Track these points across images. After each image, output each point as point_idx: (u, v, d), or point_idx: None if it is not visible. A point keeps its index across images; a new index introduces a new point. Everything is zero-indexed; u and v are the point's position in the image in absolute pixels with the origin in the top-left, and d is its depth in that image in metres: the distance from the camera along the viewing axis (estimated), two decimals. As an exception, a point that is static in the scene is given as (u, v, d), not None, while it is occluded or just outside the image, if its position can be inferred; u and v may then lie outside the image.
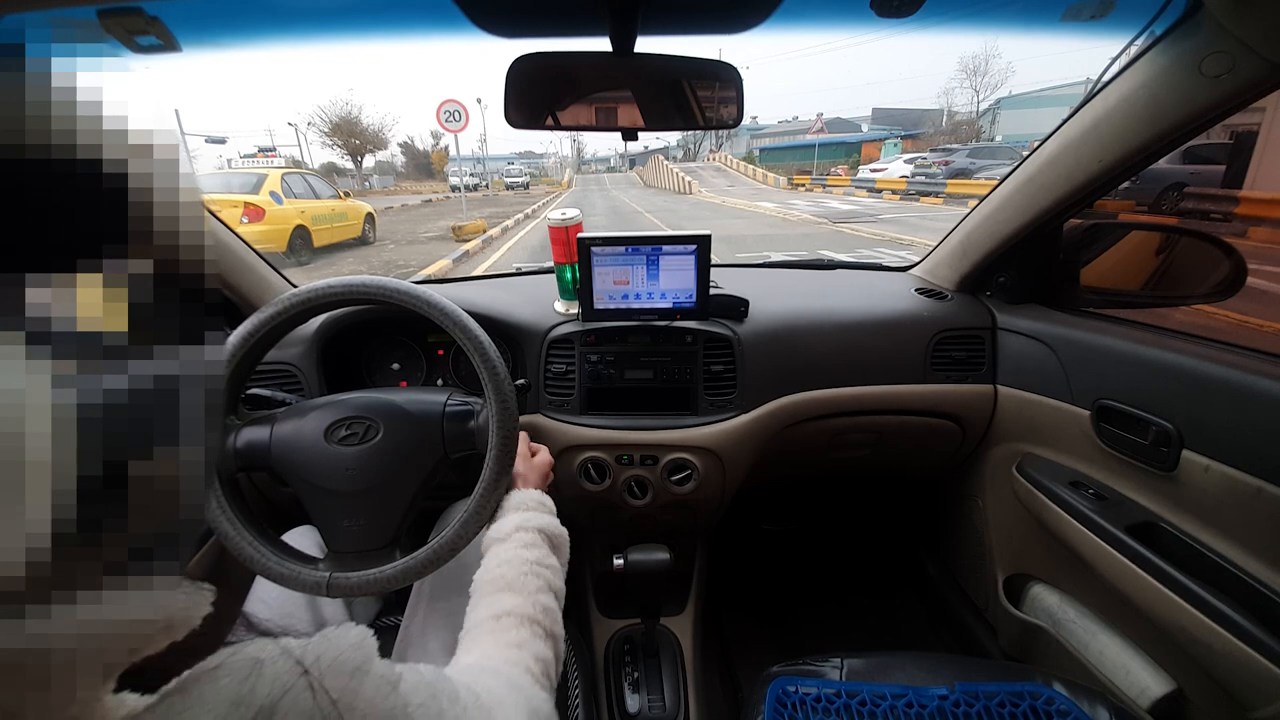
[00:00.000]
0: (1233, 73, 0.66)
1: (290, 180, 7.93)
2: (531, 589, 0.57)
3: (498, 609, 0.55)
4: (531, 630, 0.54)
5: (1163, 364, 0.82)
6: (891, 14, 0.68)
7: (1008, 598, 1.16)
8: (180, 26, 0.73)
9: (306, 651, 0.30)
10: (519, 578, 0.57)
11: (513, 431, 0.71)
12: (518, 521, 0.64)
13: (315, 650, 0.30)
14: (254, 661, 0.28)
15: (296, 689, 0.28)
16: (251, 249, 1.13)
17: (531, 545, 0.62)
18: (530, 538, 0.63)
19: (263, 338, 0.74)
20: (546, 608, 0.57)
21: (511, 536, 0.62)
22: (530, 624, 0.54)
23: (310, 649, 0.30)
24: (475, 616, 0.56)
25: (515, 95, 0.71)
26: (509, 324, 1.08)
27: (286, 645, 0.30)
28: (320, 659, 0.30)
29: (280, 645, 0.30)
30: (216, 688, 0.26)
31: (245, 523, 0.71)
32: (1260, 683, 0.65)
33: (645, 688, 1.12)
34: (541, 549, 0.62)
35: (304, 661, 0.29)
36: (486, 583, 0.58)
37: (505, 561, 0.59)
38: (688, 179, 24.12)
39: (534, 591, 0.57)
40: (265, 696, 0.27)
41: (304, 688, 0.28)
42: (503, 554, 0.60)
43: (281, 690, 0.27)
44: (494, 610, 0.55)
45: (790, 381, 1.10)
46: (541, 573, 0.59)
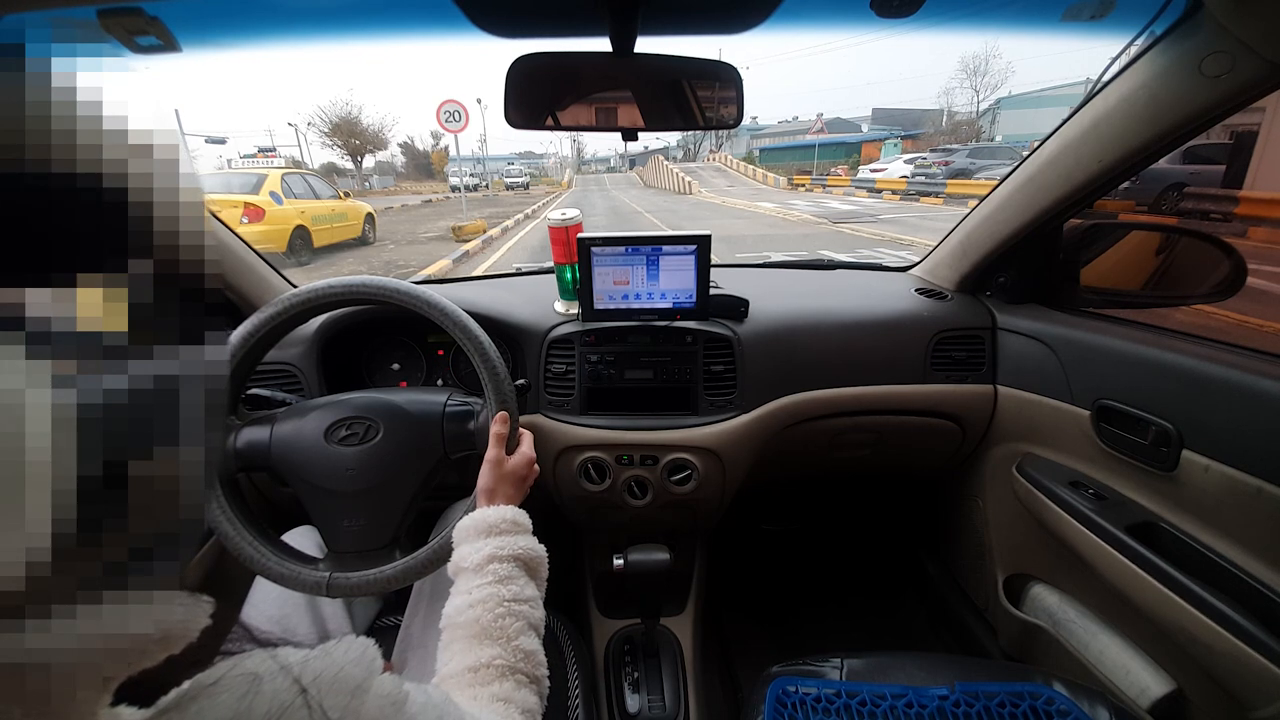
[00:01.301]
0: (1233, 73, 0.66)
1: (290, 180, 7.93)
2: (511, 633, 0.53)
3: (475, 660, 0.50)
4: (515, 681, 0.50)
5: (1163, 364, 0.82)
6: (891, 14, 0.68)
7: (1008, 598, 1.16)
8: (180, 26, 0.73)
9: (306, 669, 0.29)
10: (495, 621, 0.53)
11: (513, 432, 0.71)
12: (491, 550, 0.58)
13: (315, 668, 0.30)
14: (252, 678, 0.27)
15: (294, 708, 0.27)
16: (251, 249, 1.13)
17: (507, 580, 0.56)
18: (506, 570, 0.57)
19: (263, 338, 0.74)
20: (528, 653, 0.53)
21: (485, 569, 0.57)
22: (513, 674, 0.51)
23: (310, 666, 0.30)
24: (451, 666, 0.51)
25: (515, 95, 0.71)
26: (509, 324, 1.08)
27: (284, 660, 0.30)
28: (320, 677, 0.29)
29: (278, 661, 0.29)
30: (214, 704, 0.26)
31: (245, 523, 0.71)
32: (1260, 683, 0.65)
33: (645, 688, 1.12)
34: (518, 581, 0.57)
35: (302, 680, 0.29)
36: (459, 625, 0.54)
37: (479, 601, 0.54)
38: (688, 179, 24.12)
39: (514, 636, 0.53)
40: (263, 715, 0.26)
41: (301, 706, 0.28)
42: (475, 591, 0.55)
43: (280, 709, 0.27)
44: (471, 662, 0.50)
45: (790, 381, 1.10)
46: (520, 611, 0.55)
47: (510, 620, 0.53)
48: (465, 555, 0.59)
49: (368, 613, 0.95)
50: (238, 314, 1.08)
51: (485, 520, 0.61)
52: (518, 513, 0.64)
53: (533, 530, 0.64)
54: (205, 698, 0.26)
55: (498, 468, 0.67)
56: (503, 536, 0.60)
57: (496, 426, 0.69)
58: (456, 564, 0.60)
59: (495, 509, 0.63)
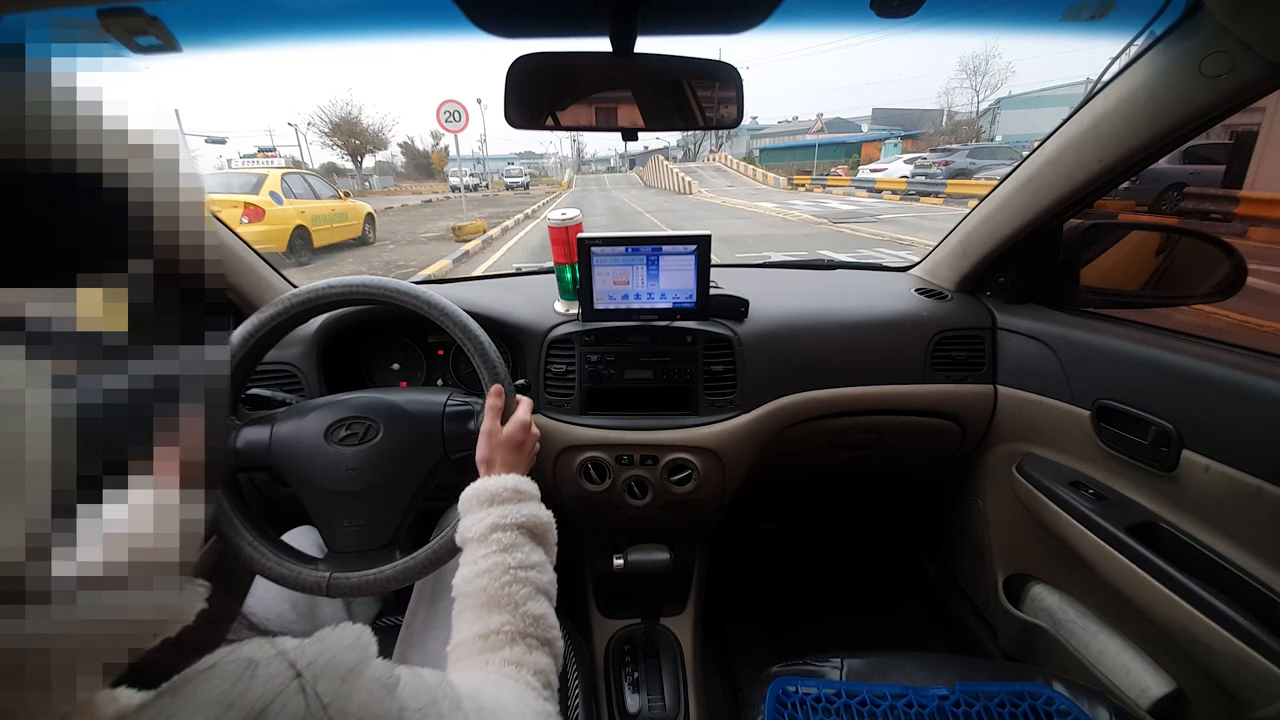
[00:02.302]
0: (1233, 73, 0.66)
1: (290, 180, 7.94)
2: (519, 599, 0.54)
3: (485, 627, 0.52)
4: (525, 645, 0.51)
5: (1163, 364, 0.82)
6: (891, 14, 0.68)
7: (1008, 598, 1.16)
8: (180, 26, 0.73)
9: (301, 653, 0.30)
10: (502, 590, 0.54)
11: (509, 404, 0.71)
12: (494, 519, 0.59)
13: (310, 653, 0.30)
14: (248, 662, 0.28)
15: (288, 692, 0.28)
16: (251, 249, 1.13)
17: (511, 547, 0.57)
18: (510, 538, 0.58)
19: (263, 338, 0.74)
20: (537, 617, 0.54)
21: (489, 538, 0.58)
22: (522, 639, 0.52)
23: (305, 651, 0.30)
24: (462, 634, 0.53)
25: (515, 95, 0.71)
26: (509, 324, 1.08)
27: (281, 646, 0.30)
28: (314, 662, 0.30)
29: (275, 646, 0.30)
30: (209, 687, 0.26)
31: (245, 523, 0.71)
32: (1260, 683, 0.65)
33: (645, 688, 1.12)
34: (524, 549, 0.58)
35: (297, 664, 0.29)
36: (467, 595, 0.55)
37: (484, 571, 0.55)
38: (688, 179, 24.12)
39: (521, 603, 0.53)
40: (256, 699, 0.26)
41: (295, 690, 0.28)
42: (481, 560, 0.56)
43: (273, 693, 0.27)
44: (481, 629, 0.52)
45: (790, 382, 1.10)
46: (526, 577, 0.55)
47: (517, 587, 0.54)
48: (469, 526, 0.60)
49: (367, 613, 0.95)
50: (237, 314, 1.08)
51: (487, 490, 0.61)
52: (520, 480, 0.63)
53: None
54: (200, 681, 0.26)
55: (491, 438, 0.67)
56: (505, 505, 0.60)
57: (491, 399, 0.70)
58: (462, 534, 0.60)
59: (496, 478, 0.63)
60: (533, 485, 0.65)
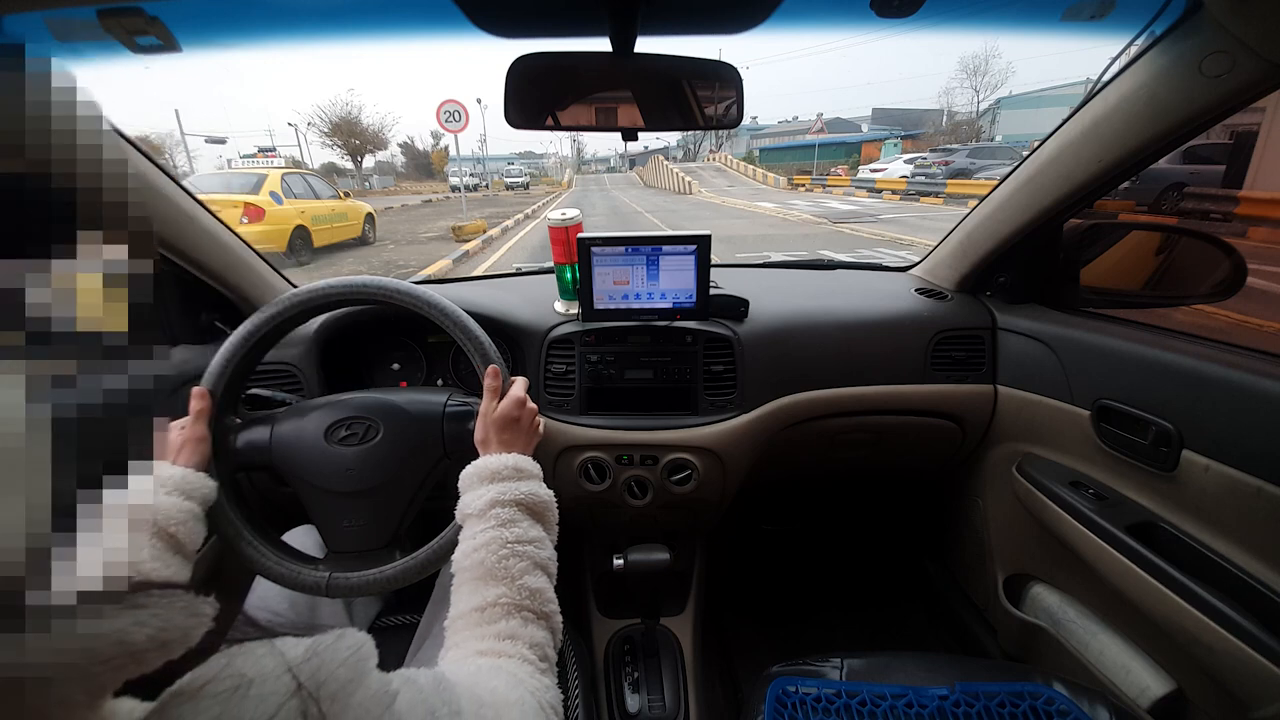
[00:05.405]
0: (1233, 73, 0.66)
1: (290, 180, 7.93)
2: (515, 573, 0.54)
3: (481, 600, 0.52)
4: (522, 618, 0.52)
5: (1163, 364, 0.82)
6: (891, 14, 0.68)
7: (1008, 598, 1.16)
8: (180, 26, 0.73)
9: (302, 668, 0.29)
10: (499, 563, 0.54)
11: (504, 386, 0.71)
12: (493, 495, 0.59)
13: (310, 666, 0.29)
14: (242, 680, 0.27)
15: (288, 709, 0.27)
16: (251, 249, 1.13)
17: (509, 523, 0.58)
18: (508, 513, 0.58)
19: (263, 338, 0.74)
20: (534, 590, 0.54)
21: (488, 514, 0.58)
22: (519, 611, 0.52)
23: (306, 665, 0.29)
24: (459, 607, 0.53)
25: (515, 95, 0.71)
26: (509, 324, 1.08)
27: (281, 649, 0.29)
28: (315, 674, 0.29)
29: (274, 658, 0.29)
30: (197, 708, 0.25)
31: (245, 523, 0.71)
32: (1260, 683, 0.65)
33: (645, 688, 1.12)
34: (521, 524, 0.58)
35: (300, 677, 0.28)
36: (465, 569, 0.55)
37: (482, 545, 0.56)
38: (688, 179, 24.12)
39: (518, 576, 0.54)
40: (251, 716, 0.26)
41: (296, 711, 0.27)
42: (479, 535, 0.57)
43: (274, 709, 0.26)
44: (478, 602, 0.52)
45: (790, 382, 1.10)
46: (523, 551, 0.56)
47: (514, 560, 0.55)
48: (469, 502, 0.60)
49: (367, 612, 0.95)
50: (237, 314, 1.08)
51: (487, 467, 0.62)
52: (520, 459, 0.64)
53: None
54: (188, 701, 0.26)
55: (485, 419, 0.68)
56: (504, 483, 0.61)
57: (487, 380, 0.70)
58: (462, 510, 0.61)
59: (496, 456, 0.63)
60: (534, 464, 0.65)
